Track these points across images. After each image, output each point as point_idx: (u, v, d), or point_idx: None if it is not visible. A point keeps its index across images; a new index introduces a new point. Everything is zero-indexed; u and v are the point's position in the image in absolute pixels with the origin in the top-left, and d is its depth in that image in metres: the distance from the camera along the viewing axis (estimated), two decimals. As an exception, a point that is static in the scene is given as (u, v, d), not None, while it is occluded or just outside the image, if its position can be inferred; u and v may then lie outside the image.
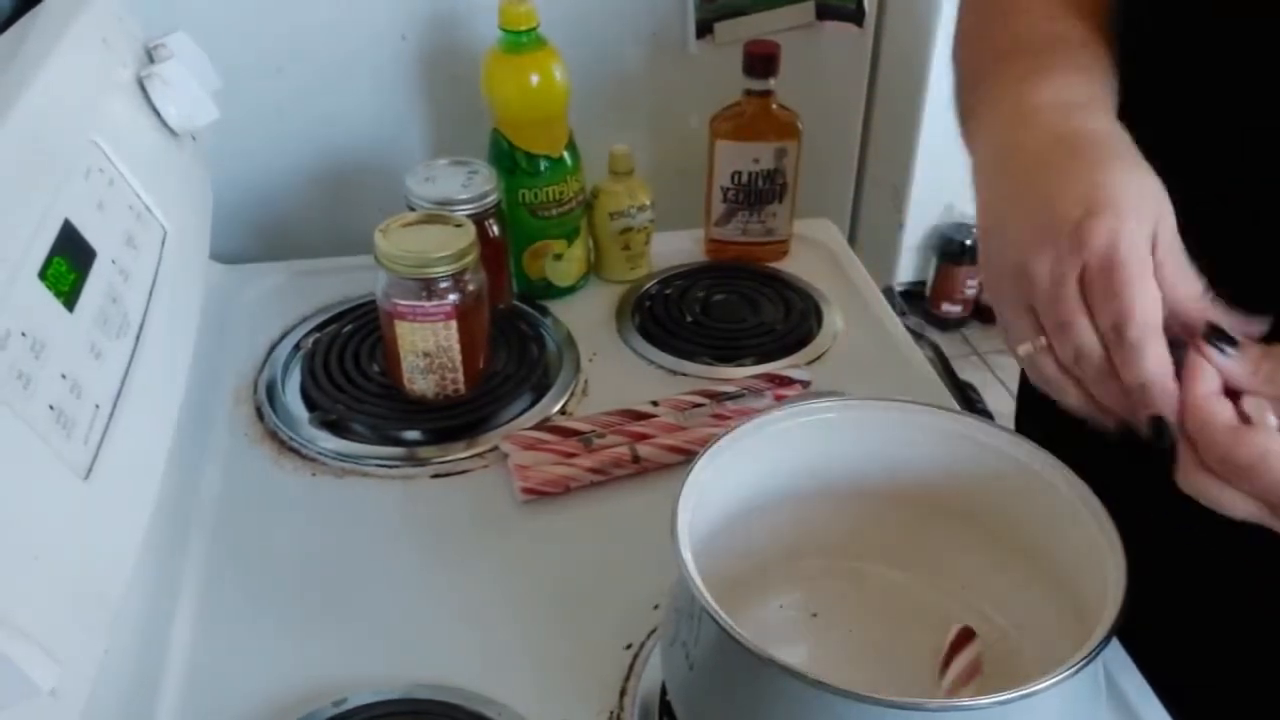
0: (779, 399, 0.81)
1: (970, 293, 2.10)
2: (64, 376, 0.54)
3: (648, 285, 0.95)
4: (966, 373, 0.93)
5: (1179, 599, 0.64)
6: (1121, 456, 0.60)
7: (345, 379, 0.82)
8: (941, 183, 1.78)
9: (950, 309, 2.14)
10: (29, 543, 0.47)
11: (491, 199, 0.83)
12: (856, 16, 1.07)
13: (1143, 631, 0.56)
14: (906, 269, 2.06)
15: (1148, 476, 0.48)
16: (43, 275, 0.55)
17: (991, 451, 0.57)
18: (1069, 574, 0.54)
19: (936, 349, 0.90)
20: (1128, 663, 0.62)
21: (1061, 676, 0.45)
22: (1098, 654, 0.46)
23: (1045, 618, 0.57)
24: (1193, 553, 0.64)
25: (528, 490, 0.72)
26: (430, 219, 0.77)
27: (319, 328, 0.89)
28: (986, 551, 0.60)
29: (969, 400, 0.84)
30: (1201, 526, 0.63)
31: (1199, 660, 0.64)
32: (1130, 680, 0.61)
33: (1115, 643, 0.61)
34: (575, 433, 0.76)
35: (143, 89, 0.76)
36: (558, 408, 0.81)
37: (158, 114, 0.77)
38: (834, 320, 0.91)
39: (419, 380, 0.78)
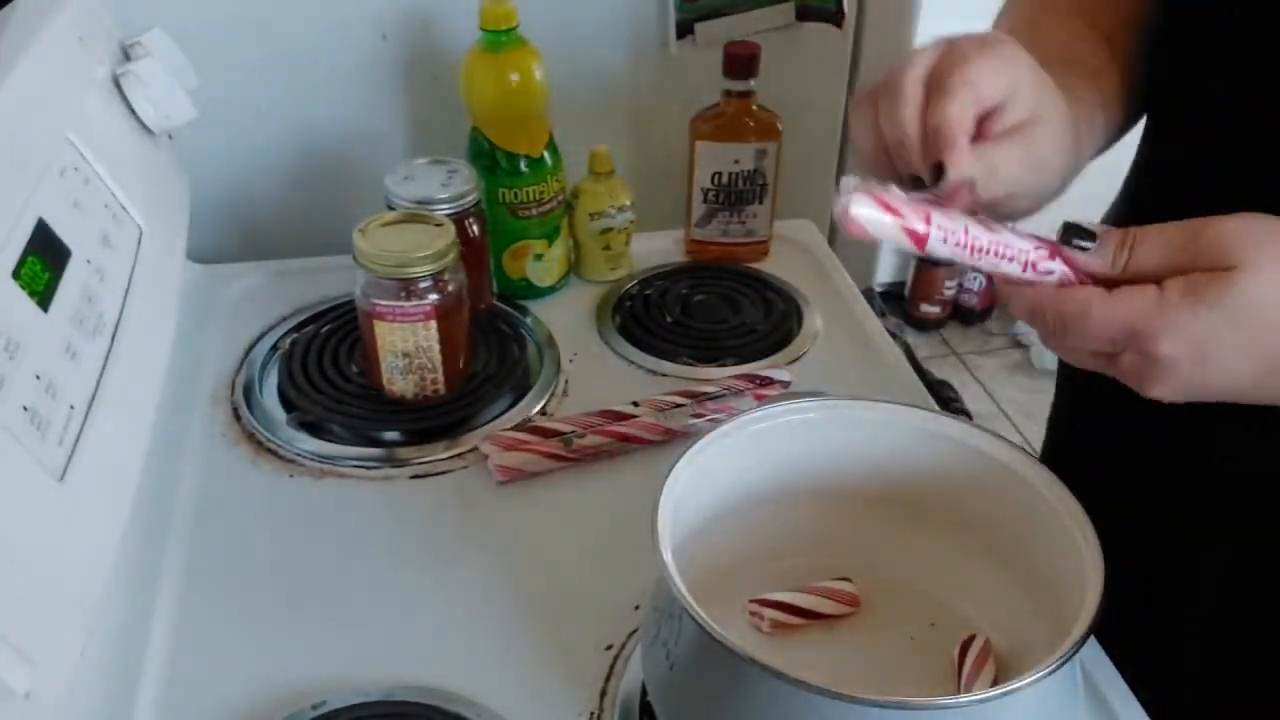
0: (759, 399, 0.81)
1: (949, 294, 2.11)
2: (38, 377, 0.53)
3: (628, 285, 0.95)
4: (945, 373, 0.93)
5: (1157, 599, 0.64)
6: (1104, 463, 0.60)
7: (324, 379, 0.82)
8: (921, 184, 1.79)
9: (929, 310, 2.15)
10: (2, 544, 0.47)
11: (471, 198, 0.83)
12: (836, 18, 1.07)
13: (1120, 631, 0.56)
14: (886, 270, 2.07)
15: (1133, 482, 0.49)
16: (16, 275, 0.54)
17: (971, 452, 0.58)
18: (1047, 573, 0.55)
19: (906, 348, 0.90)
20: (1105, 662, 0.62)
21: (1040, 675, 0.45)
22: (1075, 653, 0.46)
23: (1024, 617, 0.57)
24: (1172, 554, 0.65)
25: (502, 468, 0.73)
26: (410, 218, 0.77)
27: (297, 328, 0.88)
28: (965, 551, 0.61)
29: (944, 400, 0.85)
30: (1182, 530, 0.64)
31: (1177, 660, 0.65)
32: (1108, 679, 0.61)
33: (1093, 641, 0.62)
34: (556, 433, 0.76)
35: (119, 87, 0.76)
36: (538, 408, 0.81)
37: (134, 112, 0.77)
38: (814, 321, 0.91)
39: (398, 381, 0.78)
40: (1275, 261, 0.41)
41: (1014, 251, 0.46)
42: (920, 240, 0.45)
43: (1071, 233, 0.45)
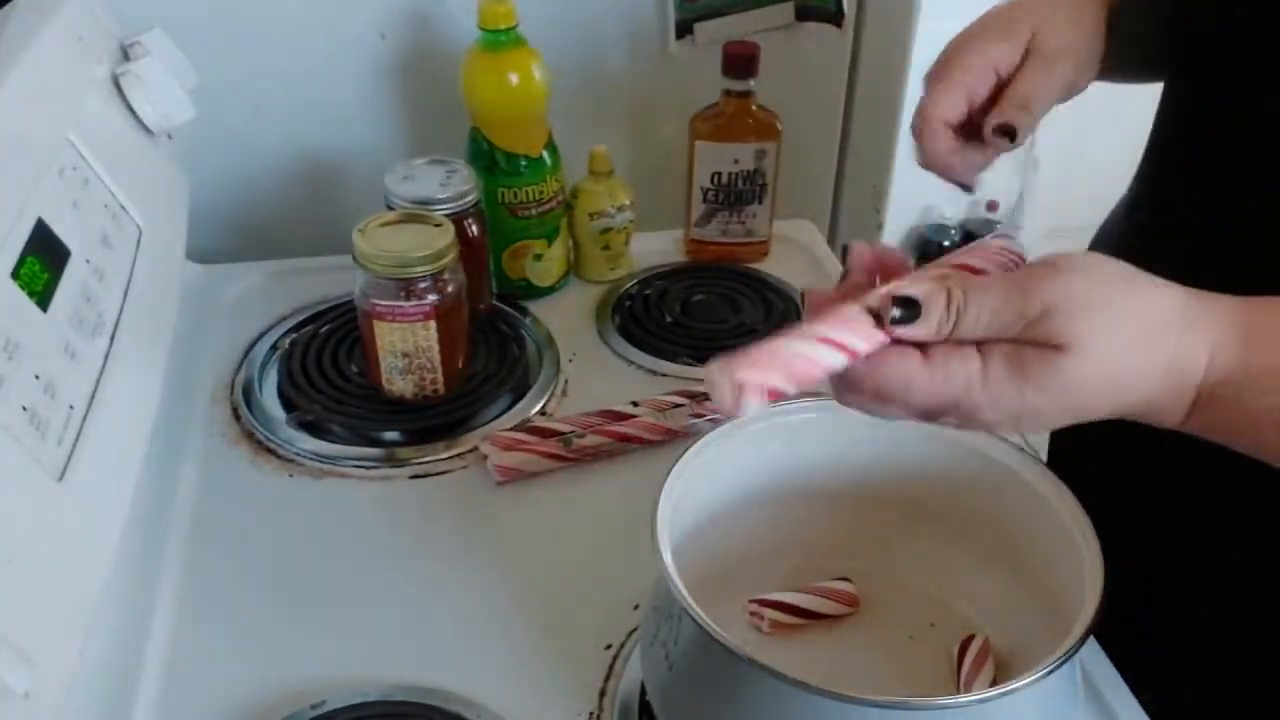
0: (759, 399, 0.81)
1: (949, 293, 2.11)
2: (37, 377, 0.53)
3: (628, 285, 0.95)
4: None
5: (1157, 599, 0.64)
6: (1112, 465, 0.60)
7: (323, 379, 0.82)
8: (921, 184, 1.76)
9: (929, 309, 2.15)
10: (2, 544, 0.47)
11: (471, 198, 0.83)
12: (836, 18, 1.07)
13: (1120, 631, 0.56)
14: (885, 270, 2.07)
15: (1133, 482, 0.49)
16: (15, 275, 0.54)
17: (969, 452, 0.58)
18: (1046, 573, 0.55)
19: None
20: (1105, 662, 0.62)
21: (1040, 675, 0.45)
22: (1074, 653, 0.46)
23: (1023, 617, 0.57)
24: (1171, 555, 0.65)
25: (502, 468, 0.73)
26: (409, 218, 0.77)
27: (297, 328, 0.88)
28: (965, 551, 0.61)
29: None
30: (1182, 530, 0.64)
31: (1177, 660, 0.65)
32: (1108, 679, 0.61)
33: (1093, 641, 0.62)
34: (555, 433, 0.76)
35: (118, 87, 0.76)
36: (537, 408, 0.81)
37: (133, 112, 0.77)
38: (814, 321, 0.91)
39: (398, 381, 0.78)
40: (1103, 340, 0.41)
41: (861, 346, 0.43)
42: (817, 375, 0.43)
43: (897, 305, 0.43)
